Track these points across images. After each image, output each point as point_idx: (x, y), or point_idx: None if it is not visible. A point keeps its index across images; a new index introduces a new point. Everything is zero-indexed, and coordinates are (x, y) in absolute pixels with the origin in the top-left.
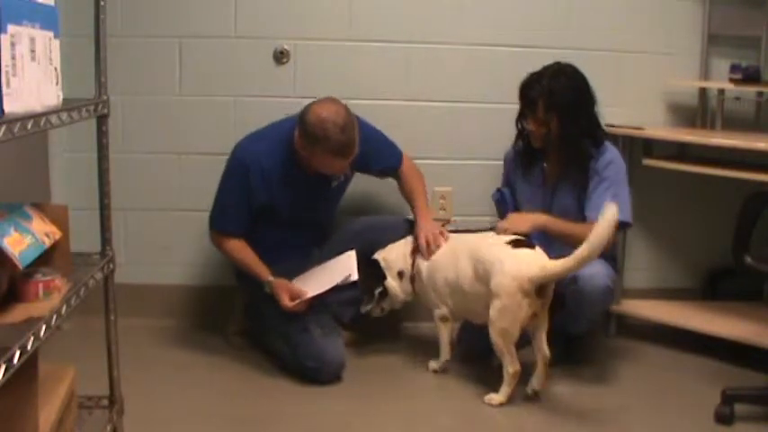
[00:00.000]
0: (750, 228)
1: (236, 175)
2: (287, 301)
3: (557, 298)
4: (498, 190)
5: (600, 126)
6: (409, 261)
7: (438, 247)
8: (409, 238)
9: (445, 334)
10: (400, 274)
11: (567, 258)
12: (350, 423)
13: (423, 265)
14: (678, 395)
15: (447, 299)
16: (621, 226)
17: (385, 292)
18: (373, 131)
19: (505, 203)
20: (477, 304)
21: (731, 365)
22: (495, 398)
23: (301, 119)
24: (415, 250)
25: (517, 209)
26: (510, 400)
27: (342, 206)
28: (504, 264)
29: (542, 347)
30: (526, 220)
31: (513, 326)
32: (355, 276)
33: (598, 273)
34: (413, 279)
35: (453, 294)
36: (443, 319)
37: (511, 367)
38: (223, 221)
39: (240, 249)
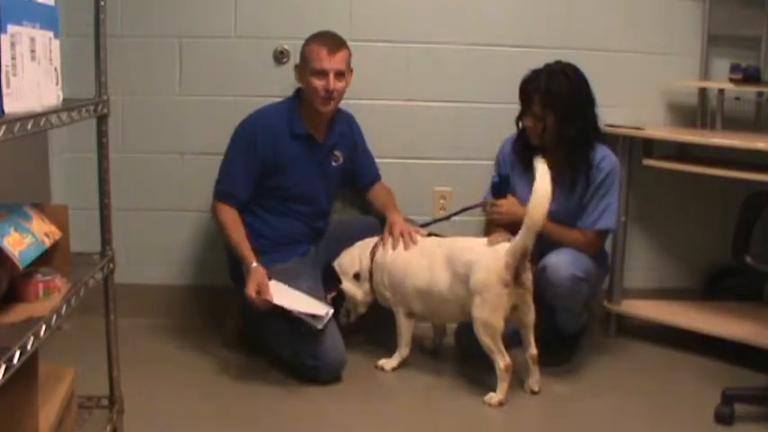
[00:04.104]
0: (750, 228)
1: (244, 138)
2: (252, 291)
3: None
4: (498, 176)
5: (597, 128)
6: (367, 261)
7: (413, 240)
8: (366, 240)
9: (408, 330)
10: (356, 276)
11: (517, 236)
12: (350, 423)
13: (386, 267)
14: (678, 395)
15: (414, 303)
16: (607, 232)
17: (341, 297)
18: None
19: (503, 190)
20: (454, 306)
21: (731, 365)
22: (494, 397)
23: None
24: (375, 250)
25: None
26: (508, 397)
27: (341, 207)
28: (481, 260)
29: (530, 346)
30: (521, 213)
31: (497, 319)
32: (322, 313)
33: (563, 262)
34: (371, 277)
35: (424, 299)
36: (408, 315)
37: (501, 362)
38: (226, 181)
39: (233, 222)
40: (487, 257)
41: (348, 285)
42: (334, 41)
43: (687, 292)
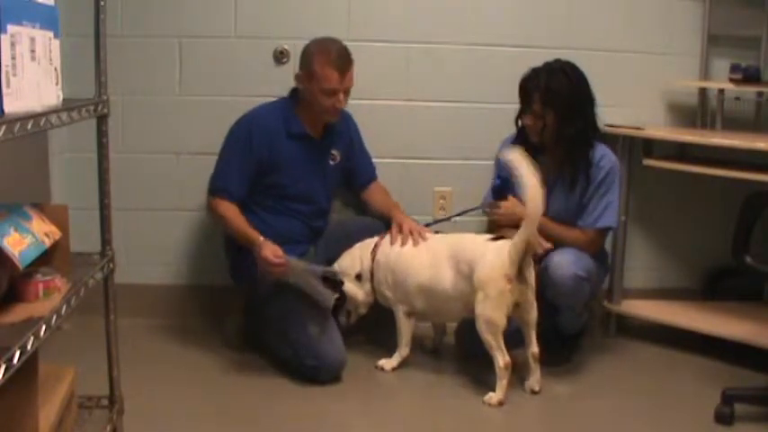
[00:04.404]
0: (750, 228)
1: (240, 138)
2: (269, 254)
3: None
4: (499, 178)
5: (596, 127)
6: (368, 261)
7: (423, 237)
8: (366, 241)
9: (408, 330)
10: (358, 277)
11: (518, 233)
12: (350, 423)
13: (389, 265)
14: (678, 395)
15: (416, 301)
16: (606, 231)
17: (342, 298)
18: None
19: (504, 192)
20: (457, 303)
21: (731, 365)
22: (494, 396)
23: (300, 56)
24: (375, 250)
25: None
26: (508, 397)
27: (340, 207)
28: (485, 256)
29: (531, 344)
30: (521, 214)
31: (499, 315)
32: (330, 303)
33: (566, 262)
34: (372, 277)
35: (427, 297)
36: (408, 313)
37: (501, 360)
38: (221, 179)
39: (233, 214)
40: (491, 254)
41: (350, 286)
42: (343, 61)
43: (687, 292)
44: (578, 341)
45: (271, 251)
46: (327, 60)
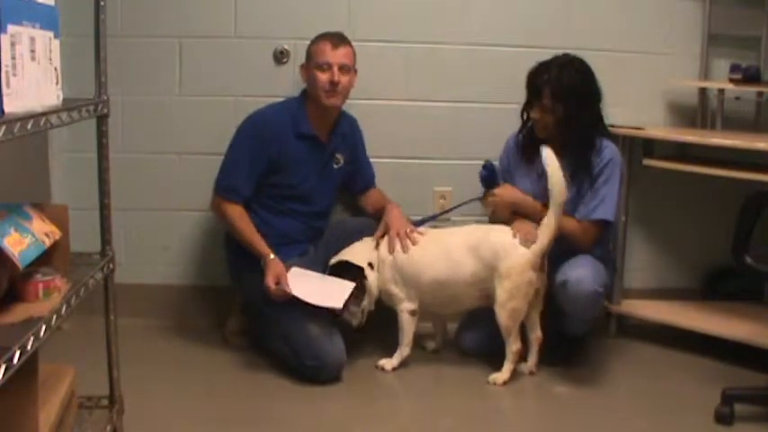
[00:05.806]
0: (750, 228)
1: (249, 136)
2: (271, 283)
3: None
4: (484, 168)
5: (602, 121)
6: (375, 255)
7: (413, 242)
8: (366, 239)
9: (411, 329)
10: (371, 266)
11: (546, 218)
12: (350, 423)
13: (396, 263)
14: (678, 395)
15: (426, 296)
16: (603, 224)
17: (363, 288)
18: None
19: (493, 181)
20: (473, 292)
21: (731, 365)
22: (500, 376)
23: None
24: (377, 245)
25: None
26: (508, 398)
27: (342, 209)
28: (515, 246)
29: (536, 329)
30: (521, 198)
31: (524, 304)
32: (340, 306)
33: (586, 277)
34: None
35: (441, 290)
36: (413, 312)
37: (515, 345)
38: (229, 178)
39: (241, 217)
40: (518, 244)
41: (369, 273)
42: (338, 37)
43: (687, 292)
44: (583, 342)
45: (274, 277)
46: (320, 38)
